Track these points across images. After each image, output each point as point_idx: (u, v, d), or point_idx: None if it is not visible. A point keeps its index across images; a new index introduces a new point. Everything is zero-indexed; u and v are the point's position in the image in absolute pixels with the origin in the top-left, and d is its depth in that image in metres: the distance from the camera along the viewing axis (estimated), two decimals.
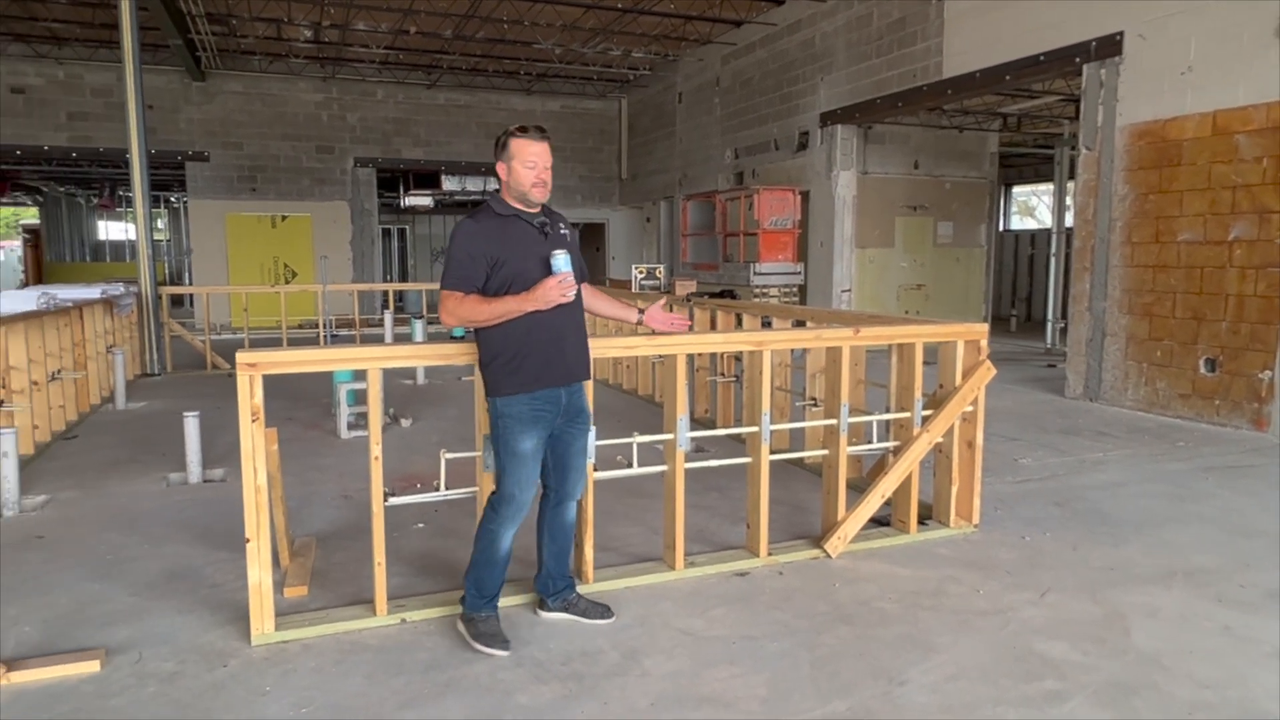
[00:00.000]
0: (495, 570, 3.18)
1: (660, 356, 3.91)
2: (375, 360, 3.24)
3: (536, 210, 3.13)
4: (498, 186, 3.18)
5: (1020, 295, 18.60)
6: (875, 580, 3.78)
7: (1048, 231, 14.81)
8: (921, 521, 4.40)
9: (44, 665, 2.98)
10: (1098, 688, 2.87)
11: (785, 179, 12.69)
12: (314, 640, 3.23)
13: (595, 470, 3.68)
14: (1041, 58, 8.51)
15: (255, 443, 3.12)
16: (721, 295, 7.27)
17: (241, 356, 3.08)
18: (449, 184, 18.86)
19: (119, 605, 3.56)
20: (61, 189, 23.86)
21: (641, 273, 8.52)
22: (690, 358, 7.44)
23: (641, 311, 3.50)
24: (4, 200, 22.24)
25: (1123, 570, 3.91)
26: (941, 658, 3.08)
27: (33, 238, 24.59)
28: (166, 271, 23.91)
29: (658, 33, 14.14)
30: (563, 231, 3.18)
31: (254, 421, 3.10)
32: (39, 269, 22.91)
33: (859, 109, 11.30)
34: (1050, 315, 12.85)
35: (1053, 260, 13.02)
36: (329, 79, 16.81)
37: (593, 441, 3.62)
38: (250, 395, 3.09)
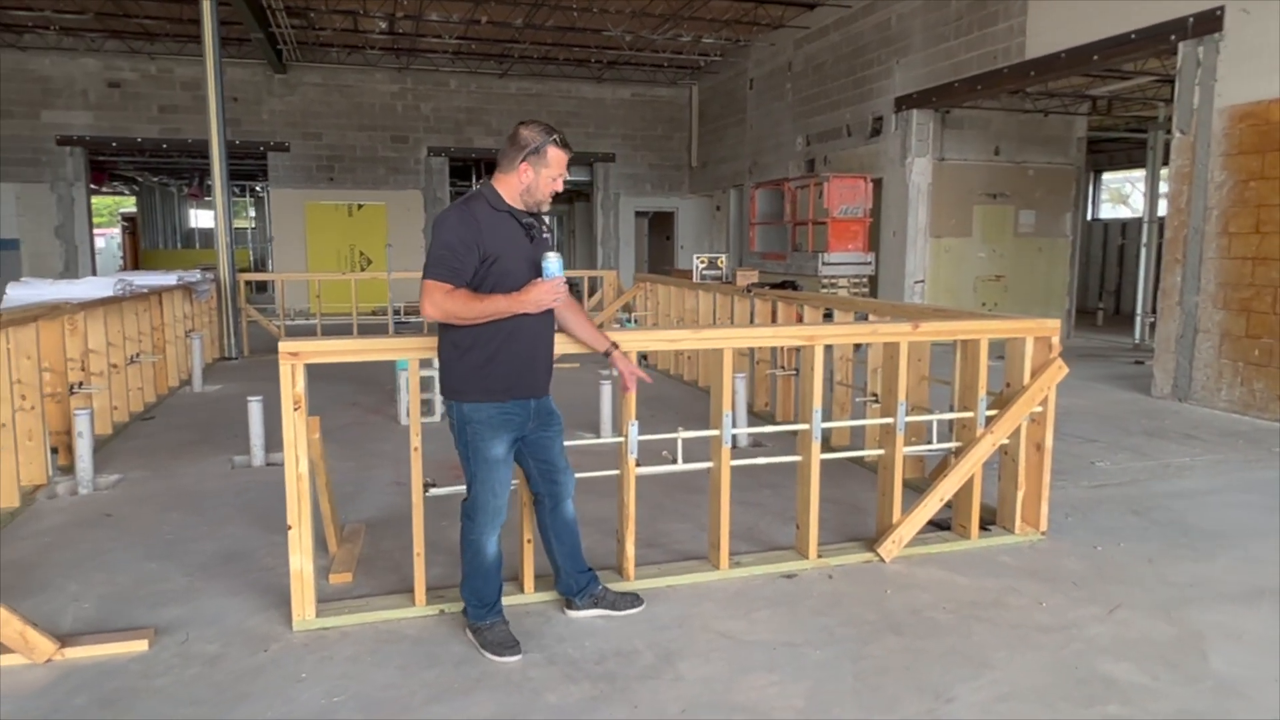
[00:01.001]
0: (490, 578, 3.10)
1: (711, 350, 3.79)
2: (413, 351, 3.23)
3: (525, 211, 3.02)
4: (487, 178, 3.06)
5: (1109, 288, 17.74)
6: (930, 588, 3.61)
7: (1139, 220, 14.04)
8: (984, 527, 4.19)
9: (96, 643, 3.07)
10: (1167, 717, 2.65)
11: (858, 166, 12.34)
12: (353, 628, 3.24)
13: (638, 465, 3.60)
14: (1133, 36, 8.01)
15: (297, 431, 3.13)
16: (783, 286, 7.09)
17: (284, 346, 3.09)
18: None
19: (173, 585, 3.65)
20: (155, 179, 25.01)
21: (703, 263, 8.38)
22: (751, 350, 7.31)
23: (615, 347, 3.27)
24: (103, 190, 23.42)
25: (1204, 587, 3.63)
26: (995, 675, 2.90)
27: (130, 225, 25.87)
28: (251, 258, 24.85)
29: (729, 17, 13.90)
30: (545, 235, 3.03)
31: (296, 410, 3.12)
32: (135, 255, 24.07)
33: (935, 93, 10.88)
34: (1139, 309, 12.20)
35: (1144, 251, 12.34)
36: (403, 70, 17.10)
37: (636, 436, 3.54)
38: (292, 384, 3.10)
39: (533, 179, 2.93)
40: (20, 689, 2.81)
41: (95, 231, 19.77)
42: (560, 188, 2.98)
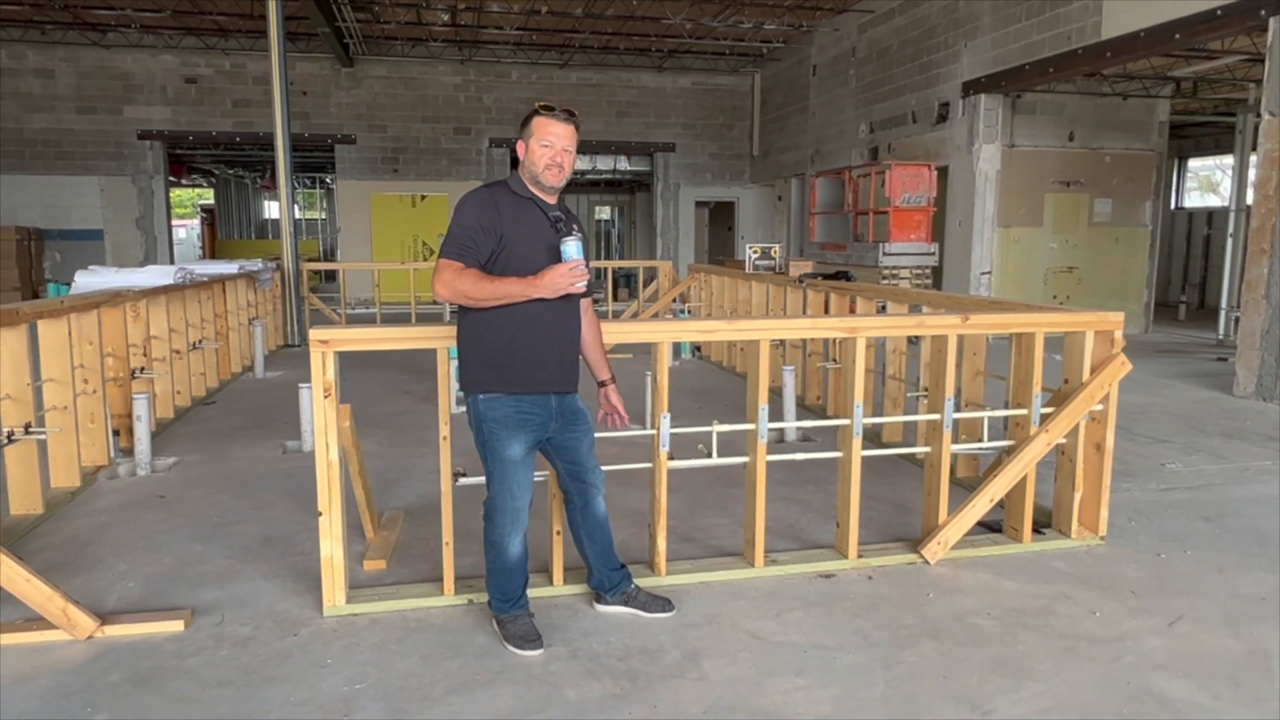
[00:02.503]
0: (513, 576, 3.04)
1: (745, 342, 3.68)
2: (443, 340, 3.21)
3: (552, 200, 2.93)
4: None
5: (1193, 280, 16.89)
6: (974, 593, 3.44)
7: (1227, 209, 13.30)
8: (1038, 530, 3.99)
9: (135, 622, 3.15)
10: None
11: (923, 153, 11.97)
12: (381, 615, 3.26)
13: (671, 459, 3.53)
14: (1219, 11, 7.54)
15: (327, 419, 3.15)
16: (836, 277, 6.90)
17: (314, 334, 3.11)
18: (580, 163, 19.05)
19: (214, 567, 3.73)
20: (230, 172, 25.85)
21: (756, 253, 8.21)
22: (804, 343, 7.14)
23: (612, 381, 3.19)
24: (183, 183, 24.33)
25: (1277, 601, 3.38)
26: (1037, 688, 2.74)
27: (209, 217, 26.85)
28: (321, 249, 25.52)
29: (790, 3, 13.62)
30: (576, 232, 2.90)
31: (326, 398, 3.13)
32: (213, 245, 24.97)
33: (1005, 76, 10.46)
34: (1224, 303, 11.56)
35: (1230, 241, 11.69)
36: (466, 61, 17.26)
37: (668, 429, 3.47)
38: (323, 372, 3.11)
39: (526, 153, 2.87)
40: (59, 665, 2.89)
41: (176, 223, 20.55)
42: (561, 159, 2.83)
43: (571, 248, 2.76)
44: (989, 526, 4.04)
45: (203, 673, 2.85)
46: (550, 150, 2.83)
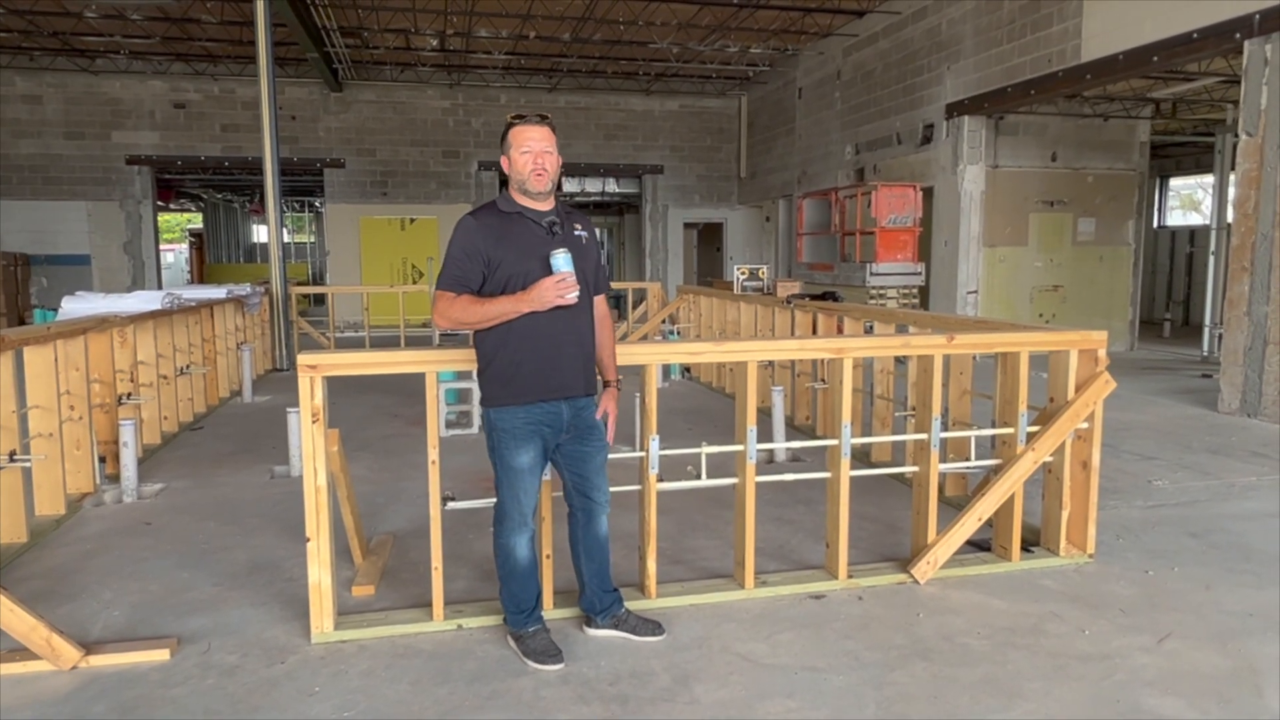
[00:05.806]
0: (525, 582, 3.07)
1: (733, 364, 3.70)
2: (431, 364, 3.22)
3: (545, 207, 2.95)
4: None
5: (1176, 298, 17.05)
6: (964, 612, 3.45)
7: (1208, 227, 13.48)
8: (1026, 548, 4.00)
9: (120, 651, 3.11)
10: None
11: (909, 174, 12.10)
12: (370, 642, 3.23)
13: (660, 480, 3.53)
14: (1195, 35, 7.68)
15: (315, 444, 3.14)
16: (823, 297, 6.95)
17: (302, 359, 3.11)
18: (569, 185, 19.18)
19: (201, 594, 3.70)
20: (219, 196, 25.87)
21: (744, 274, 8.27)
22: (792, 363, 7.17)
23: (616, 386, 3.17)
24: (171, 207, 24.30)
25: (1264, 617, 3.40)
26: (1028, 707, 2.74)
27: (198, 241, 26.80)
28: (310, 272, 25.49)
29: (776, 27, 13.80)
30: (578, 232, 2.96)
31: (314, 423, 3.13)
32: (201, 269, 24.90)
33: (987, 99, 10.60)
34: (1208, 320, 11.68)
35: (1212, 259, 11.82)
36: (454, 86, 17.38)
37: (657, 451, 3.47)
38: (311, 397, 3.11)
39: (510, 166, 2.92)
40: (44, 695, 2.85)
41: (164, 247, 20.50)
42: (543, 161, 2.86)
43: (560, 260, 2.79)
44: (978, 545, 4.05)
45: (189, 702, 2.82)
46: (530, 155, 2.87)
